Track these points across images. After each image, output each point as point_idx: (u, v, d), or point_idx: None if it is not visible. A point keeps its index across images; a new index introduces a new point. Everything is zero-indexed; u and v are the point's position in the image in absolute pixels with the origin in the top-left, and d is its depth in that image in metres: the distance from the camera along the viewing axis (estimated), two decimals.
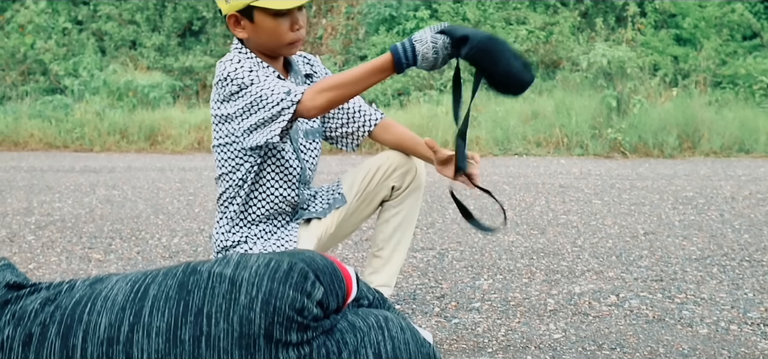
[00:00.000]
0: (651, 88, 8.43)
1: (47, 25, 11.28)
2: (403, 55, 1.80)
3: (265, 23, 2.04)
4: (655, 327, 2.33)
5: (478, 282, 2.89)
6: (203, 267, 1.61)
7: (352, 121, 2.30)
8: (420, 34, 1.82)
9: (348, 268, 1.70)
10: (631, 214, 4.25)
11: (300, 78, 2.21)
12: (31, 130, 8.58)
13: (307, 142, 2.23)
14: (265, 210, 2.18)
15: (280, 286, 1.53)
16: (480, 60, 1.82)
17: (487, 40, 1.80)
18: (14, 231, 3.99)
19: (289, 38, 2.07)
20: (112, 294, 1.61)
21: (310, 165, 2.24)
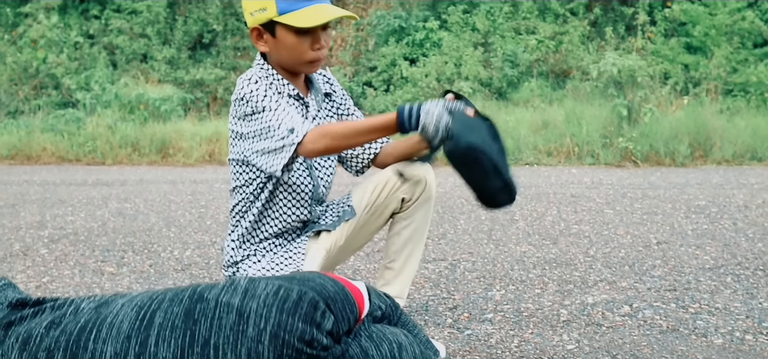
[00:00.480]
0: (662, 96, 8.41)
1: (59, 39, 11.37)
2: (408, 120, 1.87)
3: (287, 39, 2.05)
4: (670, 338, 2.32)
5: (491, 293, 2.89)
6: (210, 294, 1.56)
7: None
8: (430, 105, 1.86)
9: (358, 285, 1.67)
10: (644, 224, 4.24)
11: (319, 96, 2.21)
12: (43, 144, 8.63)
13: (321, 159, 2.23)
14: (277, 227, 2.19)
15: (289, 318, 1.49)
16: (456, 165, 1.85)
17: (467, 151, 1.81)
18: (28, 245, 4.01)
19: (309, 57, 2.07)
20: (117, 321, 1.57)
21: (324, 182, 2.25)
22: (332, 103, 2.28)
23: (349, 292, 1.61)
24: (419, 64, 10.58)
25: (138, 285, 3.17)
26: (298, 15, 2.01)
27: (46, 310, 1.66)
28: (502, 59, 10.17)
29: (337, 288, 1.59)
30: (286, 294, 1.52)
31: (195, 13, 11.93)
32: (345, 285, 1.62)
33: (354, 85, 10.68)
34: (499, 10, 10.98)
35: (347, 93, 2.33)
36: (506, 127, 8.07)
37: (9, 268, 3.49)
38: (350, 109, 2.31)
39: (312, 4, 2.02)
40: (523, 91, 9.72)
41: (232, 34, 11.80)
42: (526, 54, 10.24)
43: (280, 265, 2.15)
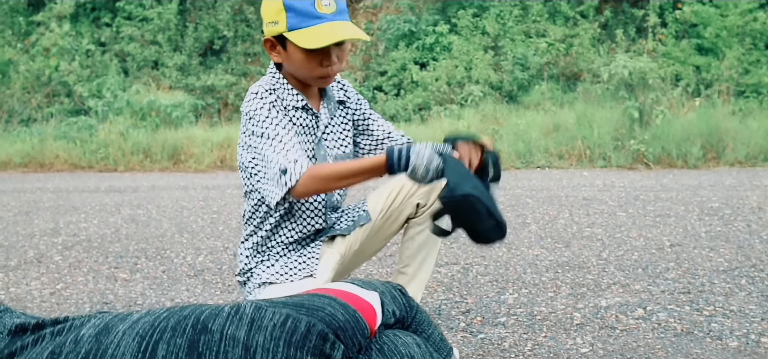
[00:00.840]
0: (673, 98, 8.37)
1: (71, 47, 11.44)
2: (397, 163, 1.88)
3: (296, 54, 2.04)
4: (684, 341, 2.31)
5: (504, 297, 2.88)
6: (214, 324, 1.50)
7: (380, 146, 2.30)
8: (420, 147, 1.87)
9: (370, 299, 1.63)
10: (657, 226, 4.22)
11: (332, 104, 2.21)
12: (56, 152, 8.68)
13: None
14: (292, 236, 2.19)
15: (297, 352, 1.44)
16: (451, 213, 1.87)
17: (464, 201, 1.83)
18: (42, 252, 4.03)
19: (318, 73, 2.06)
20: (118, 353, 1.51)
21: (339, 191, 2.24)
22: (346, 111, 2.27)
23: (361, 317, 1.57)
24: (429, 68, 10.58)
25: (151, 290, 3.18)
26: (305, 34, 1.98)
27: (46, 337, 1.61)
28: (513, 62, 10.15)
29: (347, 315, 1.54)
30: (293, 326, 1.47)
31: (205, 19, 11.98)
32: (356, 309, 1.58)
33: (364, 90, 10.69)
34: (509, 13, 10.97)
35: (362, 98, 2.32)
36: (517, 131, 8.06)
37: (23, 275, 3.52)
38: (366, 113, 2.30)
39: (321, 22, 1.98)
40: (533, 94, 9.70)
41: (243, 40, 11.83)
42: (537, 57, 10.22)
43: (294, 270, 2.15)
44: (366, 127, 2.29)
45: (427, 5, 11.61)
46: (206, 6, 12.19)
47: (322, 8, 1.98)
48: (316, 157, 2.15)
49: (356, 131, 2.30)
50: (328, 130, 2.20)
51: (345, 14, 2.05)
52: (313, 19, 1.98)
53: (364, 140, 2.31)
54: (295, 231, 2.19)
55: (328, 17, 1.99)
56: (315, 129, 2.15)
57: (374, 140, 2.30)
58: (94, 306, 2.98)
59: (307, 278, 2.12)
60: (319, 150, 2.15)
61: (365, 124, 2.29)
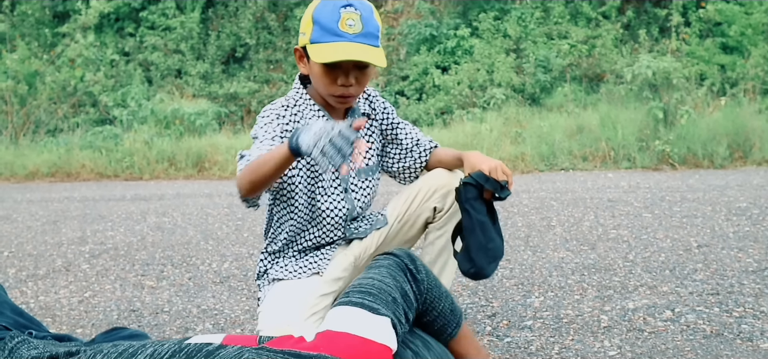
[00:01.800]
0: (698, 98, 8.29)
1: (96, 58, 11.57)
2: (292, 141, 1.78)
3: (315, 68, 2.05)
4: (714, 343, 2.28)
5: (529, 300, 2.87)
6: None
7: (409, 154, 2.30)
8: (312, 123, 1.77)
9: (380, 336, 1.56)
10: (683, 227, 4.18)
11: (357, 116, 2.20)
12: (82, 161, 8.78)
13: (359, 180, 2.22)
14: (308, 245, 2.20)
15: None
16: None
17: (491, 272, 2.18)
18: (70, 261, 4.08)
19: (334, 91, 2.06)
20: None
21: (361, 203, 2.24)
22: (371, 123, 2.26)
23: None
24: (451, 71, 10.56)
25: (177, 298, 3.20)
26: (321, 48, 1.99)
27: None
28: (535, 65, 10.11)
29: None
30: None
31: (228, 27, 12.06)
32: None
33: (386, 95, 10.70)
34: (531, 15, 10.93)
35: (390, 107, 2.31)
36: (540, 133, 8.02)
37: (52, 284, 3.56)
38: (394, 123, 2.29)
39: (341, 40, 1.98)
40: (556, 96, 9.65)
41: (265, 47, 11.90)
42: (559, 59, 10.17)
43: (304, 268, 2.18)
44: (395, 137, 2.29)
45: (447, 9, 11.61)
46: (228, 14, 12.27)
47: (346, 27, 1.98)
48: (339, 171, 2.16)
49: (385, 141, 2.30)
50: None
51: (371, 38, 2.02)
52: (334, 35, 1.98)
53: (393, 149, 2.30)
54: (314, 240, 2.20)
55: (349, 37, 1.98)
56: None
57: (403, 149, 2.29)
58: (121, 314, 3.00)
59: (314, 275, 2.14)
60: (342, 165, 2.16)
61: (394, 134, 2.29)
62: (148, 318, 2.92)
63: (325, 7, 2.00)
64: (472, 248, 2.12)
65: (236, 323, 2.80)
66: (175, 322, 2.84)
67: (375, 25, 2.03)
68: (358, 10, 2.00)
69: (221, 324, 2.79)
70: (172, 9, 12.18)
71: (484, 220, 2.11)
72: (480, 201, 2.11)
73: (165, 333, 2.70)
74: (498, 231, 2.17)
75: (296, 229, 2.18)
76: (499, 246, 2.15)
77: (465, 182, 2.11)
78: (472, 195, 2.10)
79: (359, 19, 1.99)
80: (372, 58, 1.99)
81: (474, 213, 2.10)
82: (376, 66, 2.04)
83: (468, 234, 2.12)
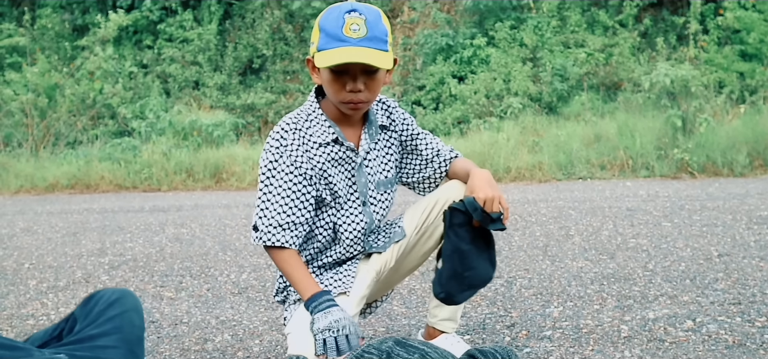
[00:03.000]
0: (717, 105, 8.23)
1: (114, 70, 11.66)
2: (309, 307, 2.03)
3: (324, 75, 2.04)
4: (736, 353, 2.26)
5: (548, 310, 2.85)
6: None
7: (430, 165, 2.28)
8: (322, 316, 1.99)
9: None
10: (704, 236, 4.14)
11: (374, 129, 2.19)
12: (101, 173, 8.84)
13: (378, 193, 2.21)
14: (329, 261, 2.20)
15: None
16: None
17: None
18: (89, 272, 4.10)
19: (342, 97, 2.04)
20: None
21: (379, 216, 2.23)
22: (390, 134, 2.24)
23: None
24: (468, 81, 10.55)
25: (196, 309, 3.21)
26: (326, 54, 1.98)
27: None
28: (552, 73, 10.08)
29: None
30: None
31: (244, 39, 12.13)
32: None
33: (403, 105, 10.71)
34: (547, 24, 10.91)
35: (410, 117, 2.29)
36: (558, 142, 7.99)
37: (72, 295, 3.58)
38: (413, 133, 2.27)
39: (345, 45, 1.96)
40: (573, 104, 9.61)
41: (281, 58, 11.96)
42: (576, 67, 10.13)
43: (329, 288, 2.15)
44: (414, 147, 2.27)
45: (464, 19, 11.61)
46: (245, 26, 12.35)
47: (350, 32, 1.96)
48: (357, 183, 2.15)
49: (404, 152, 2.28)
50: (370, 157, 2.19)
51: (377, 42, 2.00)
52: (338, 41, 1.96)
53: (412, 160, 2.29)
54: (335, 256, 2.19)
55: (353, 41, 1.96)
56: (352, 157, 2.15)
57: (423, 159, 2.28)
58: None
59: (341, 295, 2.11)
60: (360, 177, 2.15)
61: (413, 145, 2.27)
62: (168, 329, 2.93)
63: (330, 14, 2.00)
64: (445, 273, 2.12)
65: (255, 334, 2.81)
66: (194, 333, 2.85)
67: (382, 29, 2.01)
68: (362, 14, 1.99)
69: (240, 335, 2.79)
70: (189, 21, 12.27)
71: (465, 249, 2.09)
72: (466, 228, 2.09)
73: (184, 344, 2.71)
74: (489, 259, 2.15)
75: (317, 249, 2.18)
76: (482, 275, 2.13)
77: (452, 207, 2.10)
78: (458, 221, 2.09)
79: (364, 24, 1.98)
80: (375, 60, 1.97)
81: (455, 239, 2.09)
82: (384, 70, 2.03)
83: (445, 259, 2.11)
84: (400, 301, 3.16)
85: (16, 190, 8.75)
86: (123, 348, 1.73)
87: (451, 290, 2.12)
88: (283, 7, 12.15)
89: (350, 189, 2.15)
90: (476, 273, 2.12)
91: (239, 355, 2.57)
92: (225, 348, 2.65)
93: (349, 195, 2.16)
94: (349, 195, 2.16)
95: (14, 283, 3.90)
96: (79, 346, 1.70)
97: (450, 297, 2.14)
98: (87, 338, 1.71)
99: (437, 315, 2.33)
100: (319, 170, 2.09)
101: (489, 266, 2.15)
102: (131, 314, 1.78)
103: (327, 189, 2.11)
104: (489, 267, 2.15)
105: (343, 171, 2.13)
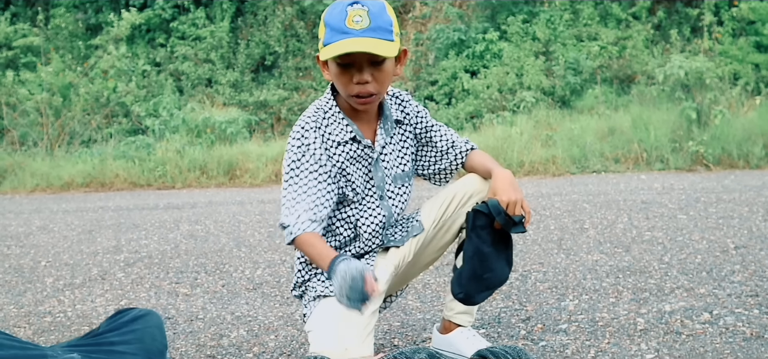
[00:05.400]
0: (732, 97, 8.18)
1: (128, 68, 11.72)
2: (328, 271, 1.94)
3: (331, 69, 2.05)
4: (754, 345, 2.24)
5: (564, 303, 2.84)
6: None
7: (445, 157, 2.28)
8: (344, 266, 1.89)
9: None
10: (720, 228, 4.12)
11: (389, 124, 2.19)
12: (116, 171, 8.89)
13: (396, 187, 2.21)
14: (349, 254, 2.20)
15: None
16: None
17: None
18: (105, 269, 4.13)
19: (350, 90, 2.03)
20: None
21: (397, 209, 2.23)
22: (404, 129, 2.24)
23: None
24: (480, 75, 10.53)
25: (211, 305, 3.22)
26: (330, 47, 1.98)
27: None
28: (565, 67, 10.04)
29: None
30: None
31: (257, 36, 12.15)
32: None
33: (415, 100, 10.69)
34: (560, 17, 10.86)
35: (424, 109, 2.28)
36: (571, 135, 7.96)
37: (89, 293, 3.60)
38: (427, 125, 2.26)
39: (347, 37, 1.95)
40: (587, 98, 9.57)
41: (294, 55, 11.97)
42: (589, 61, 10.09)
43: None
44: (429, 139, 2.27)
45: (476, 13, 11.58)
46: (257, 23, 12.37)
47: (352, 24, 1.96)
48: (374, 178, 2.16)
49: (419, 144, 2.28)
50: (386, 151, 2.19)
51: (381, 32, 1.98)
52: (341, 34, 1.96)
53: (427, 152, 2.29)
54: (354, 251, 2.20)
55: (356, 33, 1.95)
56: (369, 154, 2.15)
57: (438, 151, 2.28)
58: None
59: None
60: (377, 172, 2.16)
61: (428, 137, 2.27)
62: (183, 325, 2.94)
63: (334, 8, 2.01)
64: (465, 274, 2.12)
65: (270, 329, 2.81)
66: (209, 329, 2.86)
67: (386, 19, 2.00)
68: (365, 6, 1.98)
69: (255, 331, 2.80)
70: (201, 19, 12.31)
71: (487, 251, 2.09)
72: (488, 231, 2.08)
73: (200, 340, 2.72)
74: (507, 259, 2.15)
75: (337, 244, 2.19)
76: (500, 276, 2.13)
77: (476, 210, 2.09)
78: (481, 223, 2.08)
79: (366, 15, 1.97)
80: (378, 49, 1.96)
81: (477, 241, 2.09)
82: (392, 60, 2.02)
83: (466, 260, 2.11)
84: (415, 296, 3.15)
85: (32, 189, 8.81)
86: (142, 356, 1.74)
87: (470, 291, 2.13)
88: (295, 4, 12.16)
89: (368, 185, 2.16)
90: (495, 275, 2.13)
91: (255, 351, 2.57)
92: (240, 343, 2.66)
93: (366, 191, 2.16)
94: (366, 191, 2.16)
95: (31, 281, 3.93)
96: (95, 348, 1.71)
97: (469, 298, 2.14)
98: (106, 343, 1.73)
99: (453, 309, 2.33)
100: (339, 168, 2.10)
101: (506, 266, 2.15)
102: (154, 330, 1.81)
103: (348, 185, 2.12)
104: (506, 268, 2.15)
105: (360, 168, 2.14)
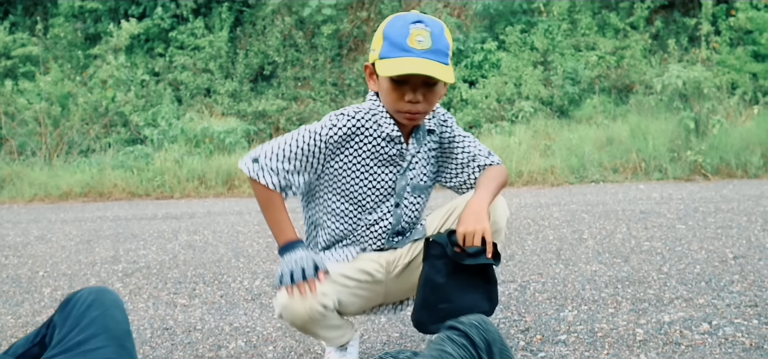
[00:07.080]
0: (730, 107, 8.18)
1: (127, 78, 11.72)
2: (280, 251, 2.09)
3: (383, 84, 2.06)
4: (754, 355, 2.24)
5: (563, 314, 2.84)
6: None
7: (464, 170, 2.29)
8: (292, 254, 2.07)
9: None
10: (718, 238, 4.12)
11: (421, 132, 2.19)
12: (114, 181, 8.87)
13: (412, 196, 2.23)
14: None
15: None
16: None
17: None
18: (103, 279, 4.12)
19: (402, 107, 2.05)
20: None
21: (408, 218, 2.24)
22: (433, 138, 2.26)
23: None
24: (479, 85, 10.54)
25: (210, 315, 3.22)
26: (389, 63, 1.99)
27: None
28: (563, 77, 10.06)
29: None
30: None
31: (255, 46, 12.16)
32: None
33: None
34: (558, 27, 10.88)
35: (452, 118, 2.28)
36: (570, 145, 7.96)
37: None
38: (451, 136, 2.27)
39: (408, 55, 1.97)
40: (585, 107, 9.58)
41: (292, 65, 11.98)
42: (587, 70, 10.10)
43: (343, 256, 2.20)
44: (451, 151, 2.27)
45: (474, 23, 11.59)
46: (256, 33, 12.38)
47: (414, 43, 1.97)
48: (396, 186, 2.17)
49: (442, 154, 2.29)
50: (415, 160, 2.20)
51: (440, 55, 2.00)
52: (403, 51, 1.97)
53: (449, 162, 2.29)
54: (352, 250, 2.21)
55: (417, 52, 1.97)
56: (400, 160, 2.16)
57: (457, 164, 2.28)
58: (154, 332, 3.03)
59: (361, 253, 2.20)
60: (401, 180, 2.17)
61: (450, 148, 2.27)
62: (181, 336, 2.93)
63: (395, 23, 2.01)
64: (417, 302, 2.11)
65: (268, 340, 2.81)
66: (207, 340, 2.85)
67: (445, 43, 2.02)
68: (428, 26, 2.00)
69: (253, 341, 2.79)
70: (200, 29, 12.32)
71: (440, 282, 2.06)
72: (443, 261, 2.06)
73: (198, 351, 2.71)
74: (487, 294, 2.11)
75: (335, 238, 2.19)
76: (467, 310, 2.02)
77: (433, 240, 2.09)
78: (436, 252, 2.07)
79: (429, 36, 1.99)
80: (439, 73, 1.98)
81: (429, 270, 2.08)
82: (445, 83, 2.03)
83: (418, 288, 2.10)
84: None
85: (30, 199, 8.80)
86: (112, 345, 1.74)
87: (421, 318, 2.12)
88: (294, 14, 12.17)
89: (389, 189, 2.16)
90: (454, 307, 2.05)
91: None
92: (239, 354, 2.66)
93: (385, 195, 2.16)
94: (385, 195, 2.16)
95: (29, 291, 3.92)
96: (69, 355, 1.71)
97: (421, 326, 2.13)
98: (74, 345, 1.72)
99: None
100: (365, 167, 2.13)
101: (483, 301, 2.11)
102: (112, 310, 1.79)
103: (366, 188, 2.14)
104: (482, 302, 2.11)
105: (387, 172, 2.15)
